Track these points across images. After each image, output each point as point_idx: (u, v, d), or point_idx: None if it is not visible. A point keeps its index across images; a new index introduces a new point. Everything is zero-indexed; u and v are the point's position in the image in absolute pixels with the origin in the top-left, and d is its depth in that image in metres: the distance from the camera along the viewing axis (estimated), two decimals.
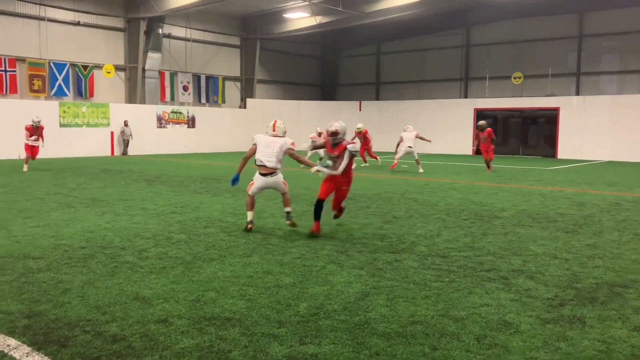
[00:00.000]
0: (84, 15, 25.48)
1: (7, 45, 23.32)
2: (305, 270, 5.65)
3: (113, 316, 4.23)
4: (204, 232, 7.54)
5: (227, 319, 4.22)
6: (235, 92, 32.94)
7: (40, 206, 9.69)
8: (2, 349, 3.58)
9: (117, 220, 8.37)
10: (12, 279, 5.16)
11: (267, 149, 7.75)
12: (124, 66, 27.23)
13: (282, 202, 8.06)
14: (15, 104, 22.62)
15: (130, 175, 15.77)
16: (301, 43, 34.68)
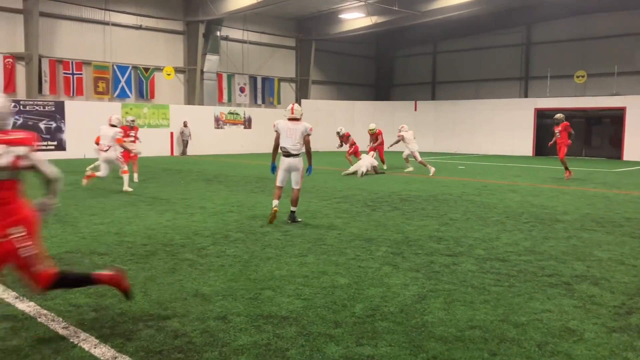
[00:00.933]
0: (145, 19, 26.34)
1: (74, 50, 24.41)
2: (360, 271, 5.64)
3: (174, 312, 4.36)
4: (260, 231, 7.65)
5: (284, 317, 4.27)
6: (290, 93, 33.26)
7: (104, 204, 10.08)
8: (73, 340, 3.75)
9: (177, 219, 8.60)
10: None
11: (291, 138, 8.21)
12: (184, 68, 27.98)
13: (291, 199, 8.46)
14: (82, 106, 23.64)
15: (189, 174, 16.19)
16: (356, 43, 34.66)
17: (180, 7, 27.41)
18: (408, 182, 14.60)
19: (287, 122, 8.33)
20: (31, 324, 4.05)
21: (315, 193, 12.01)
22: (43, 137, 22.36)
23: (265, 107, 31.47)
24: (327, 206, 10.11)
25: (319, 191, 12.35)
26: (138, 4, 25.99)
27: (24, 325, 4.01)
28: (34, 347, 3.63)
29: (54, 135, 22.66)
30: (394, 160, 21.74)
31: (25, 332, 3.88)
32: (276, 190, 8.52)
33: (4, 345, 3.67)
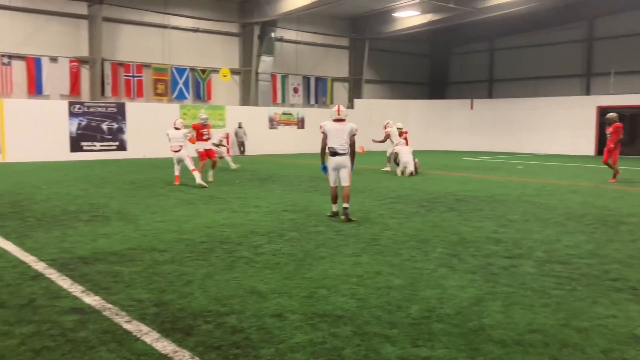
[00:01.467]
0: (202, 22, 26.94)
1: (135, 53, 25.25)
2: (415, 272, 5.59)
3: (232, 308, 4.44)
4: (314, 230, 7.70)
5: (339, 316, 4.28)
6: (343, 92, 33.28)
7: (163, 202, 10.38)
8: (136, 334, 3.88)
9: (233, 217, 8.76)
10: (142, 270, 5.58)
11: (338, 138, 8.47)
12: (239, 70, 28.46)
13: (342, 196, 8.53)
14: (142, 107, 24.43)
15: (245, 174, 16.45)
16: (410, 42, 34.32)
17: (236, 9, 27.89)
18: (464, 182, 14.35)
19: (333, 123, 8.61)
20: (97, 317, 4.22)
21: (369, 193, 11.97)
22: (105, 138, 23.25)
23: (318, 107, 31.61)
24: (381, 206, 10.06)
25: (372, 191, 12.31)
26: (195, 8, 26.62)
27: (91, 318, 4.19)
28: (100, 339, 3.79)
29: (115, 135, 23.50)
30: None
31: (92, 325, 4.05)
32: (331, 192, 8.80)
33: (73, 336, 3.84)
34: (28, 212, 9.07)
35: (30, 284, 5.08)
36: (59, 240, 6.97)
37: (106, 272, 5.49)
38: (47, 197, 10.88)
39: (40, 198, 10.78)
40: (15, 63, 22.41)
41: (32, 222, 8.22)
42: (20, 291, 4.85)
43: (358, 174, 16.29)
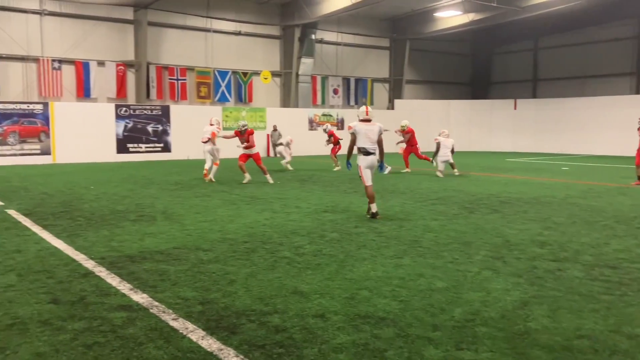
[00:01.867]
0: (244, 25, 27.28)
1: (179, 56, 25.78)
2: (458, 274, 5.53)
3: (275, 308, 4.49)
4: (354, 232, 7.70)
5: (381, 318, 4.28)
6: (384, 93, 33.15)
7: (207, 203, 10.56)
8: (182, 331, 3.98)
9: (275, 218, 8.84)
10: (187, 268, 5.70)
11: (369, 138, 8.77)
12: (280, 72, 28.70)
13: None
14: (185, 109, 24.91)
15: (285, 175, 16.57)
16: (451, 41, 33.92)
17: (277, 12, 28.13)
18: (508, 184, 14.09)
19: (362, 123, 8.88)
20: (145, 314, 4.34)
21: (410, 194, 11.89)
22: (150, 140, 23.81)
23: (358, 108, 31.51)
24: (423, 208, 9.98)
25: (413, 192, 12.22)
26: (238, 11, 26.98)
27: (138, 315, 4.30)
28: (148, 336, 3.89)
29: (160, 137, 24.04)
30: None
31: (140, 322, 4.16)
32: (369, 190, 8.87)
33: (122, 332, 3.96)
34: (78, 212, 9.38)
35: (81, 281, 5.25)
36: (108, 239, 7.19)
37: (153, 270, 5.63)
38: (96, 197, 11.22)
39: (89, 198, 11.13)
40: (65, 67, 23.19)
41: (82, 221, 8.49)
42: (72, 288, 5.02)
43: (398, 176, 16.19)
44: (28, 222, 8.40)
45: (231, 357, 3.56)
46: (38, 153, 21.40)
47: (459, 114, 32.39)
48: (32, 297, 4.75)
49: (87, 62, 23.54)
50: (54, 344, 3.75)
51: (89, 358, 3.54)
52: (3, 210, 9.51)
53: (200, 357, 3.56)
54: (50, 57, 22.75)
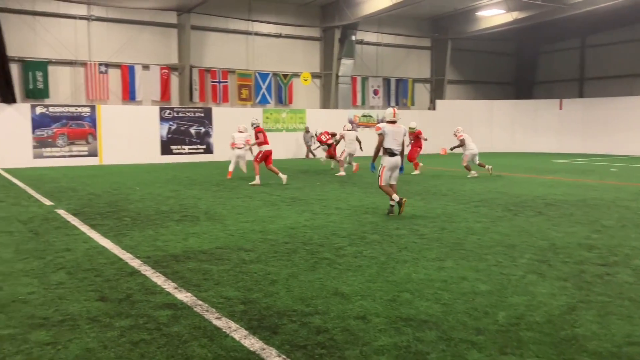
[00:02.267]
0: (285, 28, 27.48)
1: (221, 59, 26.15)
2: (502, 278, 5.43)
3: (316, 309, 4.51)
4: (395, 234, 7.65)
5: (423, 321, 4.24)
6: (425, 93, 32.83)
7: (248, 203, 10.68)
8: (225, 330, 4.03)
9: (315, 219, 8.87)
10: (229, 268, 5.78)
11: (396, 140, 9.07)
12: (320, 73, 28.77)
13: (395, 192, 9.33)
14: (227, 112, 25.25)
15: (325, 176, 16.61)
16: (494, 40, 33.30)
17: (317, 14, 28.22)
18: (553, 185, 13.75)
19: (390, 125, 9.12)
20: (189, 312, 4.42)
21: (452, 196, 11.74)
22: (193, 141, 24.23)
23: (399, 108, 31.20)
24: (465, 209, 9.84)
25: (456, 194, 12.06)
26: (278, 13, 27.19)
27: (183, 314, 4.39)
28: (192, 334, 3.96)
29: (202, 139, 24.44)
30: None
31: (184, 320, 4.24)
32: (388, 188, 9.27)
33: (168, 330, 4.05)
34: (124, 212, 9.63)
35: (127, 279, 5.39)
36: (153, 238, 7.36)
37: (196, 269, 5.73)
38: (141, 198, 11.49)
39: (135, 198, 11.41)
40: (111, 71, 23.83)
41: (128, 221, 8.72)
42: (119, 286, 5.16)
43: (439, 178, 16.00)
44: (76, 221, 8.67)
45: (273, 357, 3.59)
46: (85, 155, 22.06)
47: (502, 115, 31.79)
48: (81, 295, 4.90)
49: (133, 66, 24.13)
50: (102, 341, 3.86)
51: (135, 355, 3.63)
52: (53, 210, 9.85)
53: (243, 356, 3.61)
54: (97, 61, 23.42)
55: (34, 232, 7.79)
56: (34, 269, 5.80)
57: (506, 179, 15.38)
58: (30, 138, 21.02)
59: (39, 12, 22.30)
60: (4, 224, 8.49)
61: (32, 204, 10.65)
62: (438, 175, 16.49)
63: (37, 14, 22.27)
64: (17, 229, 8.09)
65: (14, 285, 5.19)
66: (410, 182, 14.69)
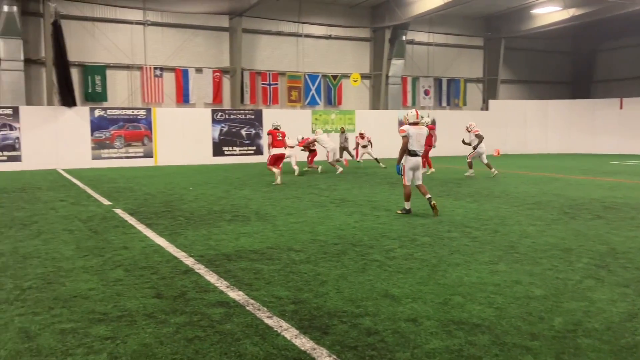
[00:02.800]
0: (335, 29, 27.55)
1: (271, 62, 26.47)
2: (558, 283, 5.28)
3: (366, 310, 4.51)
4: (447, 236, 7.55)
5: (476, 325, 4.17)
6: (477, 93, 32.23)
7: (298, 204, 10.76)
8: (276, 329, 4.09)
9: (365, 220, 8.86)
10: (280, 268, 5.85)
11: (419, 141, 9.34)
12: (369, 74, 28.70)
13: (422, 192, 9.55)
14: (277, 113, 25.47)
15: (374, 177, 16.55)
16: (549, 39, 32.37)
17: (367, 14, 28.16)
18: (613, 188, 13.25)
19: (413, 127, 9.32)
20: (241, 311, 4.50)
21: (505, 198, 11.49)
22: (244, 143, 24.60)
23: (450, 108, 30.91)
24: (519, 212, 9.61)
25: (509, 196, 11.79)
26: (328, 15, 27.29)
27: (235, 312, 4.47)
28: (245, 332, 4.03)
29: (253, 140, 24.78)
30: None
31: (236, 318, 4.32)
32: (407, 190, 9.50)
33: (221, 328, 4.13)
34: (178, 212, 9.88)
35: (182, 277, 5.53)
36: (206, 237, 7.52)
37: (248, 269, 5.83)
38: (194, 198, 11.76)
39: (189, 199, 11.68)
40: (166, 74, 24.49)
41: (182, 220, 8.94)
42: (174, 284, 5.30)
43: (492, 179, 15.68)
44: (133, 220, 8.96)
45: (324, 357, 3.61)
46: (141, 156, 22.74)
47: (557, 115, 30.85)
48: (138, 292, 5.06)
49: (186, 69, 24.72)
50: (158, 336, 3.97)
51: (189, 351, 3.72)
52: (111, 210, 10.20)
53: (294, 355, 3.64)
54: (153, 65, 24.11)
55: (94, 231, 8.10)
56: (93, 266, 6.03)
57: (562, 181, 14.93)
58: (89, 140, 21.84)
59: (98, 18, 23.18)
60: (65, 222, 8.86)
61: (92, 204, 11.06)
62: (490, 177, 16.14)
63: (96, 20, 23.15)
64: (78, 227, 8.43)
65: (76, 282, 5.41)
66: (461, 184, 14.45)
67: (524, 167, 20.35)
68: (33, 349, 3.78)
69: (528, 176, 16.42)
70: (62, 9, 21.80)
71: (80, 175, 17.53)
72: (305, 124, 25.56)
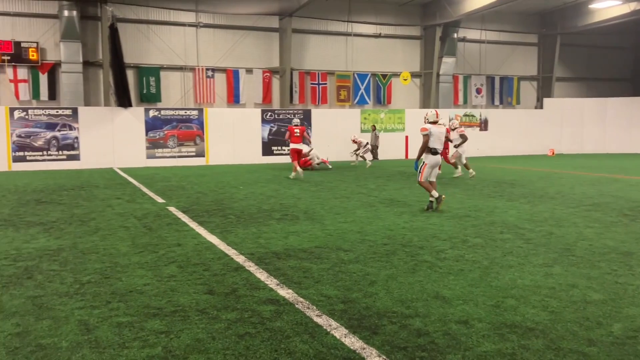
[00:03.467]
0: (384, 28, 27.40)
1: (320, 61, 26.56)
2: (618, 287, 5.08)
3: (416, 311, 4.46)
4: (499, 238, 7.39)
5: (529, 328, 4.07)
6: (531, 92, 31.38)
7: (346, 204, 10.76)
8: (326, 328, 4.10)
9: (414, 221, 8.77)
10: (329, 267, 5.86)
11: (440, 140, 9.73)
12: (419, 72, 28.39)
13: (435, 188, 9.81)
14: (326, 113, 25.58)
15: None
16: (608, 34, 31.16)
17: (418, 12, 27.87)
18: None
19: (434, 126, 9.73)
20: (290, 309, 4.54)
21: (561, 199, 11.15)
22: None
23: (503, 107, 30.22)
24: (575, 214, 9.30)
25: (564, 197, 11.44)
26: (378, 14, 27.16)
27: (285, 310, 4.51)
28: (294, 330, 4.07)
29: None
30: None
31: (286, 316, 4.36)
32: (427, 184, 9.83)
33: (271, 325, 4.18)
34: (229, 210, 10.05)
35: (232, 274, 5.62)
36: (256, 236, 7.62)
37: (297, 267, 5.87)
38: (245, 197, 11.94)
39: (239, 197, 11.87)
40: (217, 75, 24.95)
41: (233, 219, 9.09)
42: (225, 281, 5.40)
43: (547, 180, 15.24)
44: (186, 218, 9.17)
45: (373, 357, 3.60)
46: (193, 155, 23.25)
47: (616, 113, 29.67)
48: (190, 287, 5.18)
49: (237, 70, 25.11)
50: (211, 332, 4.05)
51: (241, 347, 3.78)
52: (164, 207, 10.48)
53: (344, 354, 3.65)
54: (205, 66, 24.61)
55: (148, 228, 8.34)
56: (148, 262, 6.21)
57: (622, 182, 14.36)
58: (143, 140, 22.49)
59: (152, 21, 23.84)
60: (121, 219, 9.16)
61: (146, 201, 11.39)
62: (545, 177, 15.69)
63: (151, 23, 23.82)
64: (133, 224, 8.69)
65: (131, 277, 5.58)
66: (515, 184, 14.11)
67: (581, 167, 19.68)
68: (92, 341, 3.92)
69: (585, 177, 15.88)
70: (119, 12, 22.54)
71: (134, 174, 18.07)
72: (354, 123, 25.54)
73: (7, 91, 22.12)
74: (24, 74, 22.18)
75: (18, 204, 11.16)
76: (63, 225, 8.59)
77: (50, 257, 6.50)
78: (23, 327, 4.20)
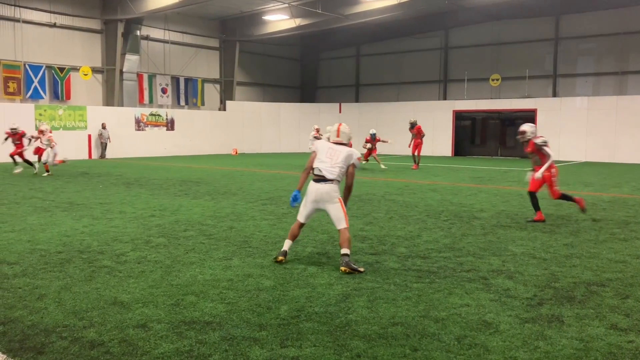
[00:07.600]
0: (60, 17, 25.15)
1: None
2: (286, 272, 5.63)
3: (91, 321, 4.17)
4: (183, 236, 7.48)
5: (207, 322, 4.19)
6: (215, 94, 32.79)
7: (15, 210, 9.52)
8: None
9: (95, 224, 8.26)
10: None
11: (330, 159, 6.11)
12: (102, 68, 26.92)
13: (340, 241, 5.93)
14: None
15: (109, 178, 15.60)
16: (281, 45, 34.67)
17: (98, 5, 26.37)
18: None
19: (329, 142, 6.36)
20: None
21: (242, 195, 11.87)
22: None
23: (189, 108, 30.84)
24: (253, 208, 10.02)
25: (245, 193, 12.22)
26: (52, 1, 24.77)
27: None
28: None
29: None
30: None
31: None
32: (294, 226, 6.30)
33: None
34: None
35: None
36: None
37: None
38: None
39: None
40: None
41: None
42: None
43: (228, 177, 16.07)
44: None
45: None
46: None
47: (288, 117, 33.30)
48: None
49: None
50: None
51: None
52: None
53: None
54: None
55: None
56: None
57: (292, 178, 16.04)
58: None
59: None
60: None
61: None
62: (229, 175, 16.54)
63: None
64: None
65: None
66: (200, 182, 14.47)
67: (259, 165, 21.40)
68: None
69: (263, 174, 17.28)
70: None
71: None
72: (27, 119, 22.78)
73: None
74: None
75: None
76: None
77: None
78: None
